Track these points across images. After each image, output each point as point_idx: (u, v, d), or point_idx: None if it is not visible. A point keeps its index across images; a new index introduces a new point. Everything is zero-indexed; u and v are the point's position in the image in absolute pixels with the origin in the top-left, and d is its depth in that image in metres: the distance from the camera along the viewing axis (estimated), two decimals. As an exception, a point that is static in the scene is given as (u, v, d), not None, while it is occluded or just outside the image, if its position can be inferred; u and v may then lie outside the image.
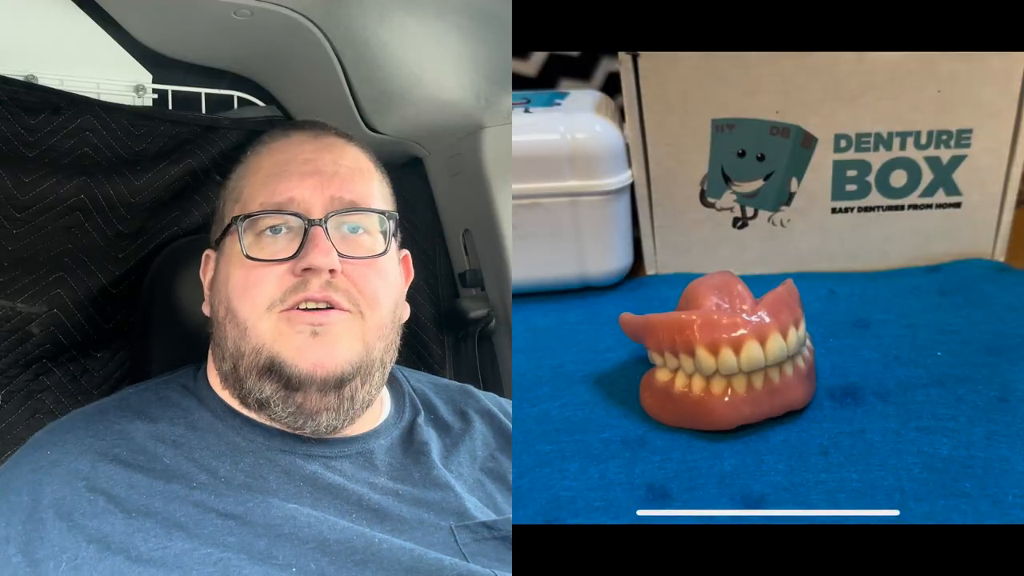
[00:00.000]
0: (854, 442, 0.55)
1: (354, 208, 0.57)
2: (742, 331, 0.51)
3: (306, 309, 0.54)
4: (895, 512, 0.48)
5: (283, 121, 0.90)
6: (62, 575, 0.46)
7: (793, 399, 0.55)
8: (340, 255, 0.55)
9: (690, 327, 0.52)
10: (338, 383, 0.54)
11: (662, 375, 0.56)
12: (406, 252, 0.65)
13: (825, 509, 0.48)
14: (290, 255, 0.54)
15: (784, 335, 0.52)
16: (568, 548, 0.43)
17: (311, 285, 0.54)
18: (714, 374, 0.53)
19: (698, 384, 0.54)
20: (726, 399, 0.53)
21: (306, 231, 0.55)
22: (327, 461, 0.55)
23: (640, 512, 0.49)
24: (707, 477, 0.52)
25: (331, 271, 0.54)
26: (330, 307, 0.54)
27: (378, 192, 0.60)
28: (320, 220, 0.55)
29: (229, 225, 0.57)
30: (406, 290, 0.64)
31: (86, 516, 0.48)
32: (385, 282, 0.57)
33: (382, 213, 0.58)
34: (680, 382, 0.55)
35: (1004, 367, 0.61)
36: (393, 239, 0.59)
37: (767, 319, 0.52)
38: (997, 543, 0.43)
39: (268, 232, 0.56)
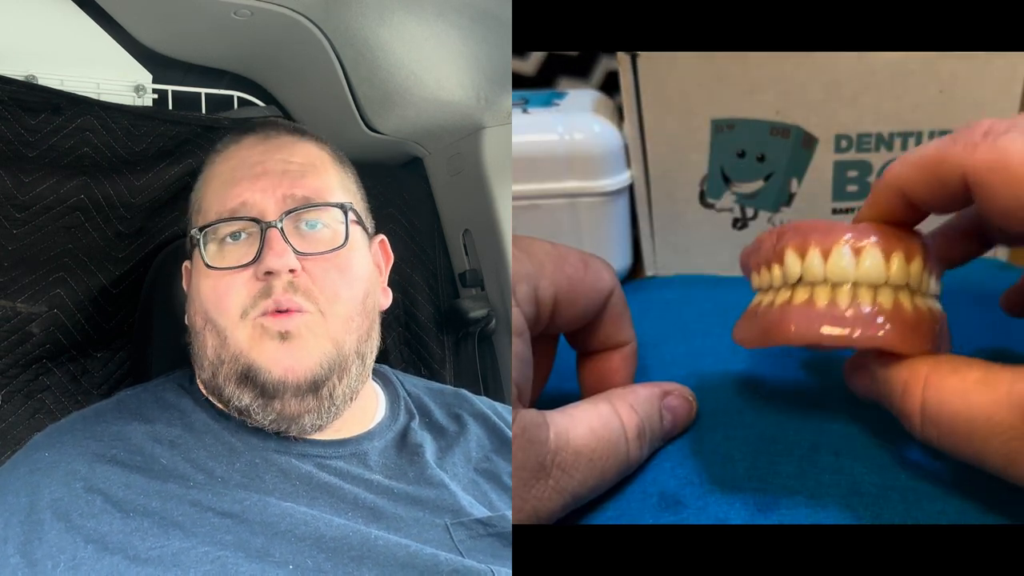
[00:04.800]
0: None
1: (308, 204, 0.57)
2: (839, 237, 0.44)
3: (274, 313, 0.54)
4: None
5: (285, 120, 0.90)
6: (60, 575, 0.46)
7: (879, 337, 0.43)
8: (299, 253, 0.55)
9: (787, 231, 0.46)
10: (312, 386, 0.54)
11: (755, 300, 0.50)
12: (382, 237, 0.64)
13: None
14: (250, 260, 0.55)
15: (887, 257, 0.44)
16: (568, 548, 0.43)
17: (275, 290, 0.54)
18: (798, 283, 0.46)
19: (781, 297, 0.47)
20: (802, 307, 0.45)
21: (262, 234, 0.55)
22: (321, 461, 0.55)
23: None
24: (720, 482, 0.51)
25: (292, 271, 0.54)
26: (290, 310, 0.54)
27: (337, 184, 0.60)
28: (275, 222, 0.55)
29: (193, 236, 0.57)
30: (386, 276, 0.64)
31: (84, 516, 0.48)
32: (346, 275, 0.57)
33: (338, 206, 0.58)
34: (766, 299, 0.48)
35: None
36: (357, 228, 0.59)
37: (872, 236, 0.44)
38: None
39: (229, 239, 0.56)
